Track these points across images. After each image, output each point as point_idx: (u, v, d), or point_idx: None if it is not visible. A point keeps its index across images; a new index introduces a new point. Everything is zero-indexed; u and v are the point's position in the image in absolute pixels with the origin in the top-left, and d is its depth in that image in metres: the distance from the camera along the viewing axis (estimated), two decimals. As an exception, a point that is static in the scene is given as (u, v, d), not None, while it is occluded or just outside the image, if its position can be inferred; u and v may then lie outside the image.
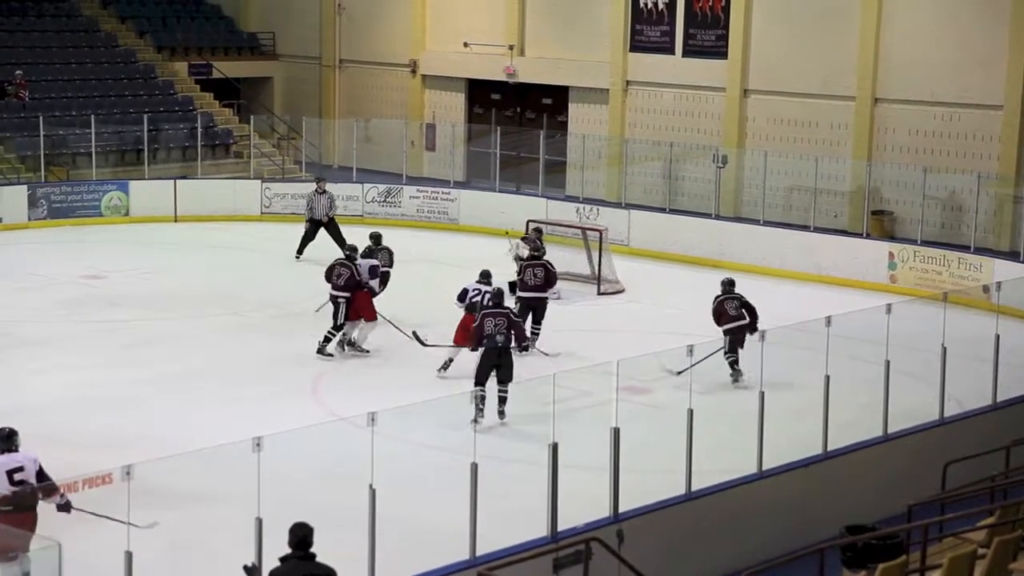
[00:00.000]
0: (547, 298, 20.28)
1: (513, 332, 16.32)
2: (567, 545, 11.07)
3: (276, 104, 38.30)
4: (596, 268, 24.28)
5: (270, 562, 9.61)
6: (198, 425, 15.80)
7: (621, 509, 11.89)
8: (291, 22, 38.72)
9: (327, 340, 19.17)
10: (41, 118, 30.18)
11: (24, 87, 32.29)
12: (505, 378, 16.05)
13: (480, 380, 16.04)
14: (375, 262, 20.10)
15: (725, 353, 17.84)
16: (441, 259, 26.27)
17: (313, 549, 9.07)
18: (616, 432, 11.85)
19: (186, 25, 38.47)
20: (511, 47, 34.26)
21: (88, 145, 30.66)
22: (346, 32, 37.87)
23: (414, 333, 19.00)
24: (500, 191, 30.44)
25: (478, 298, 17.77)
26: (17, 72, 32.42)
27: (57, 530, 8.47)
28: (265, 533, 9.81)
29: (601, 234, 24.36)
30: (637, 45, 32.00)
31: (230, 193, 30.70)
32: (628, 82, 32.13)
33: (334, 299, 19.23)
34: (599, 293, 23.99)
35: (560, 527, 11.40)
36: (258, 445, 9.68)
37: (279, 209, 30.27)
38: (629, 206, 28.89)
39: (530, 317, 19.61)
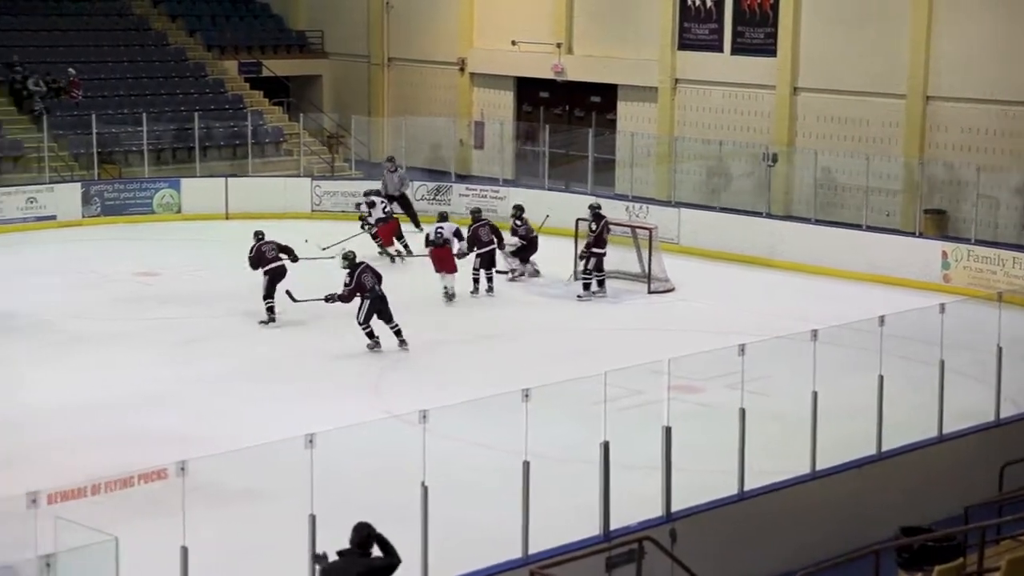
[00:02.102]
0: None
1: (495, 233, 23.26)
2: (620, 544, 11.04)
3: (325, 102, 38.44)
4: (646, 266, 24.20)
5: (324, 559, 9.66)
6: (251, 422, 15.89)
7: (673, 508, 11.84)
8: (340, 20, 38.84)
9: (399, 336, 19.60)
10: (94, 116, 30.43)
11: (78, 86, 32.56)
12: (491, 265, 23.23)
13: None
14: (455, 225, 23.65)
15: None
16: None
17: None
18: (667, 431, 11.80)
19: (235, 24, 38.69)
20: (559, 45, 34.22)
21: (140, 143, 30.89)
22: (394, 30, 37.95)
23: (287, 292, 20.37)
24: (549, 189, 30.39)
25: (441, 232, 22.81)
26: (70, 71, 32.70)
27: (114, 525, 8.52)
28: (318, 529, 9.84)
29: (651, 232, 24.28)
30: (685, 43, 31.87)
31: (280, 191, 30.85)
32: (677, 80, 32.01)
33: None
34: (649, 291, 23.92)
35: (612, 526, 11.37)
36: (311, 442, 9.71)
37: (329, 207, 30.37)
38: (679, 204, 28.78)
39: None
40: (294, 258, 21.41)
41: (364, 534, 9.10)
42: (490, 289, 23.36)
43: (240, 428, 15.53)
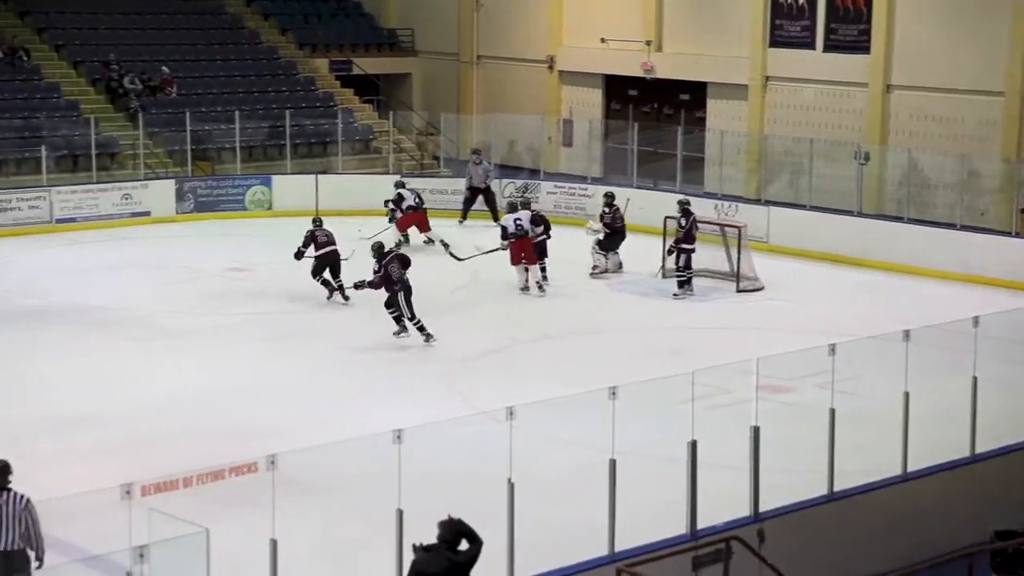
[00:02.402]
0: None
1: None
2: (707, 544, 10.98)
3: (415, 100, 38.64)
4: (735, 265, 24.05)
5: (408, 554, 9.71)
6: (338, 417, 16.01)
7: (761, 509, 11.74)
8: (430, 19, 39.02)
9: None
10: (188, 114, 30.87)
11: (171, 83, 33.03)
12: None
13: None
14: (530, 212, 23.78)
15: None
16: (573, 257, 26.28)
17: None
18: (756, 431, 11.71)
19: (327, 22, 39.03)
20: (648, 43, 34.10)
21: (232, 140, 31.27)
22: (484, 28, 38.05)
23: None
24: (637, 187, 30.27)
25: (520, 223, 23.14)
26: (164, 69, 33.19)
27: (205, 517, 8.63)
28: (405, 524, 9.89)
29: (740, 231, 24.11)
30: (777, 40, 31.61)
31: (369, 188, 31.02)
32: (767, 78, 31.76)
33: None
34: (738, 290, 23.75)
35: (699, 525, 11.31)
36: (399, 437, 9.77)
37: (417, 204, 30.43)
38: (768, 203, 28.55)
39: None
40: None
41: (454, 531, 9.15)
42: (543, 281, 23.29)
43: (328, 423, 15.65)
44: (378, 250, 19.95)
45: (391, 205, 26.92)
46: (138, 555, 8.16)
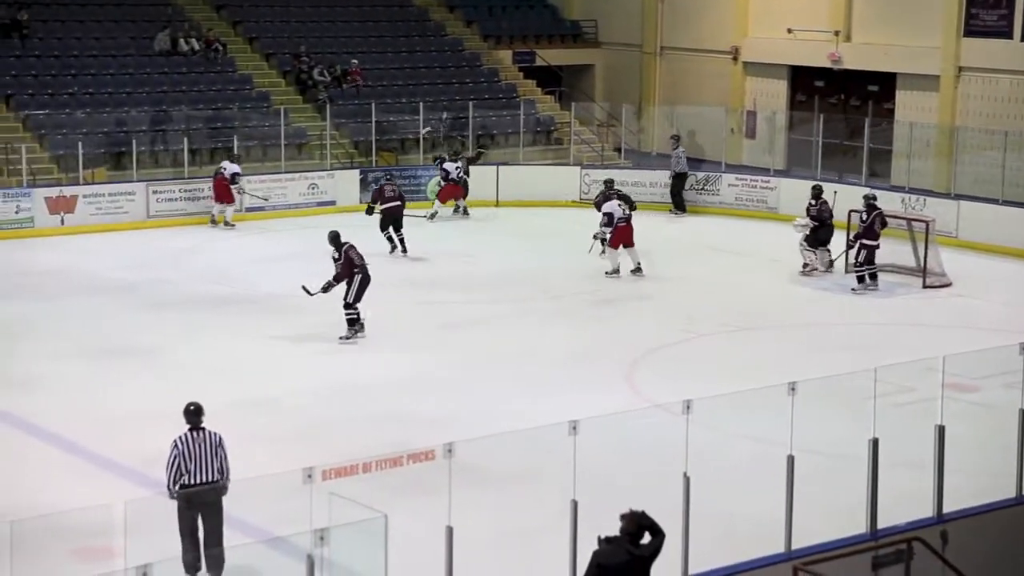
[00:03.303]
0: None
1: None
2: (888, 544, 10.76)
3: (597, 91, 38.63)
4: (922, 260, 23.47)
5: (582, 545, 9.73)
6: (513, 406, 16.09)
7: (945, 510, 11.46)
8: (614, 10, 38.96)
9: None
10: (374, 105, 31.40)
11: (358, 75, 33.63)
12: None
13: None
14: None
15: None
16: (753, 250, 26.02)
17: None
18: (941, 430, 11.43)
19: (511, 14, 39.30)
20: (836, 33, 33.49)
21: (416, 131, 31.69)
22: (668, 19, 37.84)
23: (303, 287, 19.60)
24: (821, 180, 29.75)
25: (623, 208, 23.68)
26: (353, 61, 33.81)
27: (381, 503, 8.77)
28: (580, 516, 9.90)
29: (928, 225, 23.51)
30: (972, 29, 30.74)
31: (550, 179, 31.14)
32: (961, 68, 30.91)
33: None
34: (924, 286, 23.18)
35: (879, 525, 11.09)
36: (574, 429, 9.78)
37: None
38: (959, 197, 27.74)
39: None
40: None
41: (636, 524, 9.13)
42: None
43: (502, 412, 15.76)
44: (335, 239, 19.49)
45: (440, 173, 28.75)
46: (318, 538, 8.33)
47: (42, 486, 12.96)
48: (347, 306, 19.12)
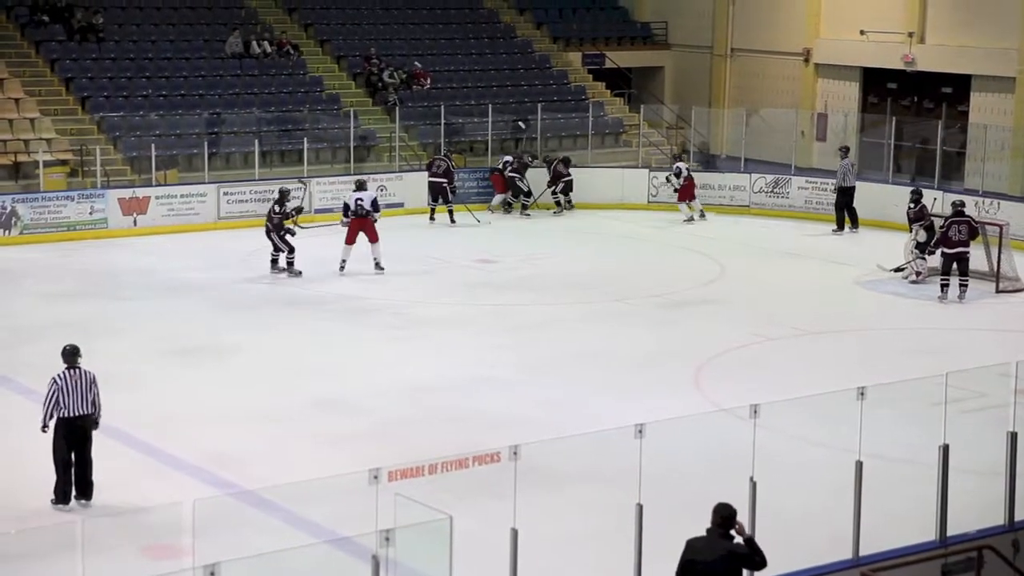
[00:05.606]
0: None
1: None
2: (957, 551, 10.63)
3: (666, 93, 38.51)
4: (995, 264, 23.17)
5: (649, 549, 9.70)
6: (579, 409, 16.08)
7: (1017, 518, 11.30)
8: (684, 11, 38.84)
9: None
10: (443, 107, 31.50)
11: (424, 77, 33.74)
12: None
13: None
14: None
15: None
16: (823, 254, 25.81)
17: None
18: (1013, 436, 11.28)
19: (582, 16, 39.29)
20: (910, 34, 33.16)
21: (485, 133, 31.74)
22: (739, 21, 37.65)
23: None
24: (893, 183, 29.47)
25: None
26: (416, 64, 33.97)
27: (446, 504, 8.79)
28: (644, 520, 9.88)
29: (1001, 229, 23.20)
30: (1048, 30, 30.34)
31: (618, 181, 31.08)
32: (1037, 69, 30.52)
33: None
34: (997, 291, 22.88)
35: (949, 532, 10.96)
36: (640, 432, 9.75)
37: (665, 198, 30.34)
38: (1033, 200, 27.40)
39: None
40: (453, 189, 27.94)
41: (725, 514, 9.09)
42: None
43: (569, 415, 15.75)
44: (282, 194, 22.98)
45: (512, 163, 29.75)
46: (384, 538, 8.36)
47: (113, 484, 13.13)
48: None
